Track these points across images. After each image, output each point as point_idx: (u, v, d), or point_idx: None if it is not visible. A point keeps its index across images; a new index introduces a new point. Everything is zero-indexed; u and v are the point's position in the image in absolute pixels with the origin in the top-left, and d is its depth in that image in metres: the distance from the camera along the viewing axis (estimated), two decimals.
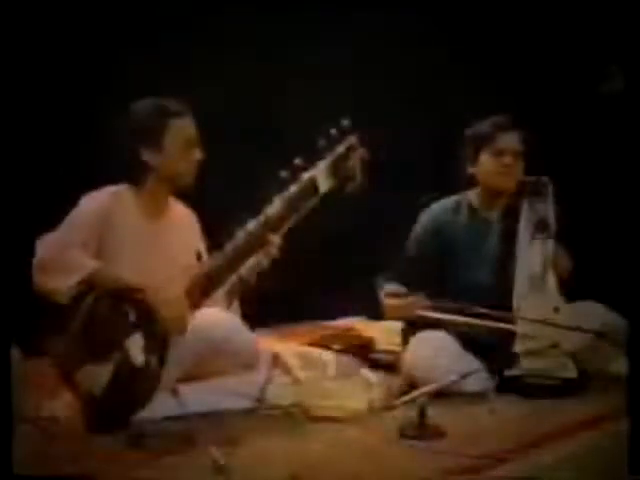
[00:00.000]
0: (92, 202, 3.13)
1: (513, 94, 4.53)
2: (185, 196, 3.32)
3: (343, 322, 4.60)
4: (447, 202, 3.79)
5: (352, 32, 4.68)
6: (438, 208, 3.78)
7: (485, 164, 3.68)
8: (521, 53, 4.68)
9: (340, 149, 3.09)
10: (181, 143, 3.18)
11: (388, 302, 3.56)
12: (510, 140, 3.65)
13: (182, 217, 3.36)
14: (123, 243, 3.13)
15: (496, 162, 3.66)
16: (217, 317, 3.16)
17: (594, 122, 4.47)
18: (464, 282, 3.64)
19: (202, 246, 3.33)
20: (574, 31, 4.58)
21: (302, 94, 4.54)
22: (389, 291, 3.55)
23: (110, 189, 3.19)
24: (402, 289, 3.53)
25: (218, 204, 3.68)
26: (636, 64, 2.59)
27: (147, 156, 3.17)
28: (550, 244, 3.57)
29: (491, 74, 4.69)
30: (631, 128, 2.56)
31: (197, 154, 3.20)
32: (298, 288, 4.50)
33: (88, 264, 2.99)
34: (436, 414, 3.02)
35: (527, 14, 4.68)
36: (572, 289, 3.63)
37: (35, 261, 2.98)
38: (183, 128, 3.19)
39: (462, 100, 4.51)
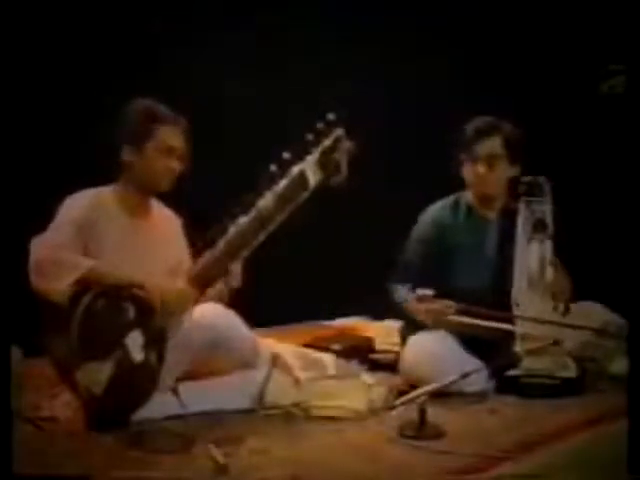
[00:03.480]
0: (74, 203, 3.13)
1: (513, 94, 4.53)
2: (175, 195, 3.32)
3: (343, 322, 4.60)
4: (446, 202, 3.79)
5: (351, 32, 4.68)
6: (437, 208, 3.78)
7: (466, 171, 3.70)
8: (521, 53, 4.68)
9: (327, 142, 3.08)
10: (162, 151, 3.17)
11: (418, 307, 3.54)
12: (484, 148, 3.64)
13: (165, 220, 3.35)
14: (106, 242, 3.12)
15: (472, 170, 3.67)
16: (216, 314, 3.17)
17: (594, 122, 4.47)
18: (462, 281, 3.64)
19: (185, 250, 3.32)
20: (574, 31, 4.58)
21: (301, 95, 4.54)
22: (418, 295, 3.53)
23: (92, 190, 3.20)
24: (430, 293, 3.52)
25: (209, 201, 3.68)
26: (636, 64, 2.59)
27: (127, 155, 3.18)
28: (548, 244, 3.57)
29: (491, 74, 4.69)
30: (631, 128, 2.56)
31: (176, 165, 3.19)
32: (298, 288, 4.50)
33: (83, 263, 2.98)
34: (436, 414, 3.03)
35: (527, 14, 4.68)
36: (572, 289, 3.64)
37: (30, 265, 2.98)
38: (168, 137, 3.18)
39: (462, 99, 4.51)
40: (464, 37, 4.75)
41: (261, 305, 3.91)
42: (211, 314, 3.15)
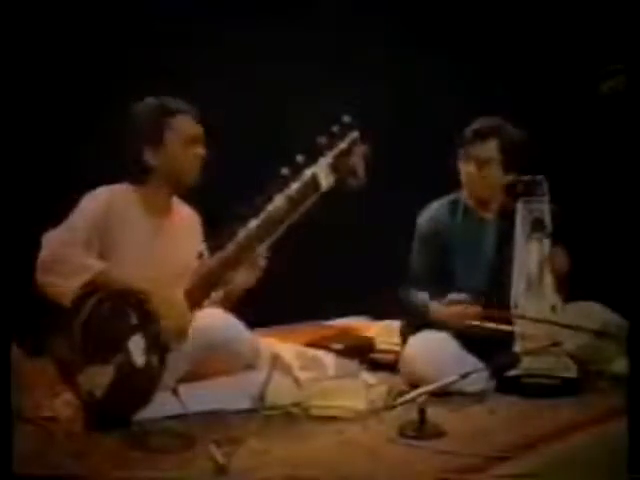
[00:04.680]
0: (93, 201, 3.13)
1: (513, 93, 4.54)
2: (189, 196, 3.32)
3: (343, 322, 4.60)
4: (444, 201, 3.80)
5: (353, 32, 4.69)
6: (435, 206, 3.79)
7: (460, 169, 3.71)
8: (521, 53, 4.68)
9: (342, 145, 3.08)
10: (182, 141, 3.18)
11: (450, 310, 3.56)
12: (477, 149, 3.65)
13: (185, 217, 3.35)
14: (124, 241, 3.12)
15: (464, 169, 3.69)
16: (218, 317, 3.16)
17: (594, 122, 4.47)
18: (461, 282, 3.64)
19: (203, 248, 3.32)
20: (574, 31, 4.58)
21: (304, 94, 4.54)
22: (452, 299, 3.55)
23: (111, 187, 3.19)
24: (465, 297, 3.55)
25: (220, 204, 3.68)
26: (636, 64, 2.58)
27: (149, 156, 3.17)
28: (546, 243, 3.57)
29: (492, 73, 4.69)
30: (631, 128, 2.56)
31: (199, 150, 3.21)
32: (298, 288, 4.50)
33: (93, 266, 2.98)
34: (436, 414, 3.03)
35: (527, 13, 4.68)
36: (572, 289, 3.63)
37: (38, 261, 2.98)
38: (184, 125, 3.19)
39: (462, 99, 4.51)
40: (464, 37, 4.75)
41: (261, 305, 3.90)
42: (209, 318, 3.13)
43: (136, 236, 3.15)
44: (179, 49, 4.31)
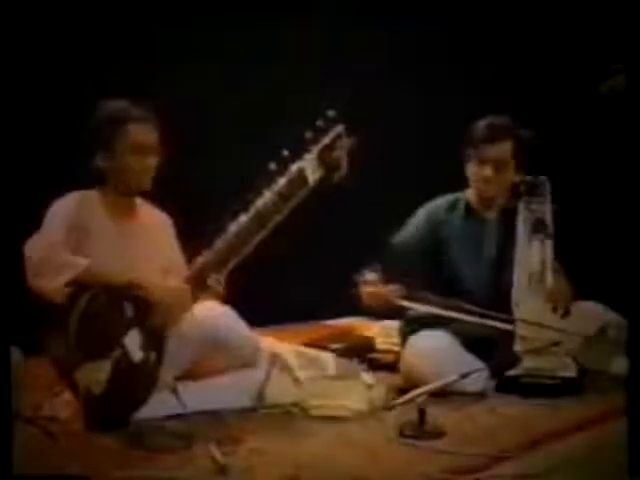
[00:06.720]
0: (63, 202, 3.14)
1: (513, 93, 4.54)
2: (175, 194, 3.31)
3: (343, 322, 4.60)
4: (444, 200, 3.79)
5: (351, 31, 4.68)
6: (435, 204, 3.78)
7: (470, 170, 3.69)
8: (521, 53, 4.68)
9: (326, 139, 3.08)
10: (133, 150, 3.15)
11: (364, 290, 3.52)
12: (493, 151, 3.61)
13: (153, 219, 3.34)
14: (92, 244, 3.11)
15: (478, 171, 3.65)
16: (216, 313, 3.17)
17: (594, 121, 4.47)
18: (459, 280, 3.64)
19: (177, 249, 3.33)
20: (575, 30, 4.58)
21: (301, 93, 4.54)
22: (366, 279, 3.52)
23: (77, 193, 3.19)
24: (378, 277, 3.51)
25: (207, 200, 3.68)
26: (636, 64, 2.58)
27: (101, 161, 3.17)
28: (548, 244, 3.57)
29: (491, 73, 4.69)
30: (631, 128, 2.56)
31: (152, 161, 3.18)
32: (298, 288, 4.50)
33: (79, 262, 2.98)
34: (436, 414, 3.03)
35: (528, 13, 4.68)
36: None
37: (27, 267, 2.98)
38: (137, 134, 3.16)
39: (462, 100, 4.51)
40: (464, 37, 4.75)
41: (261, 305, 3.90)
42: (211, 313, 3.15)
43: (102, 239, 3.14)
44: (171, 47, 4.31)
